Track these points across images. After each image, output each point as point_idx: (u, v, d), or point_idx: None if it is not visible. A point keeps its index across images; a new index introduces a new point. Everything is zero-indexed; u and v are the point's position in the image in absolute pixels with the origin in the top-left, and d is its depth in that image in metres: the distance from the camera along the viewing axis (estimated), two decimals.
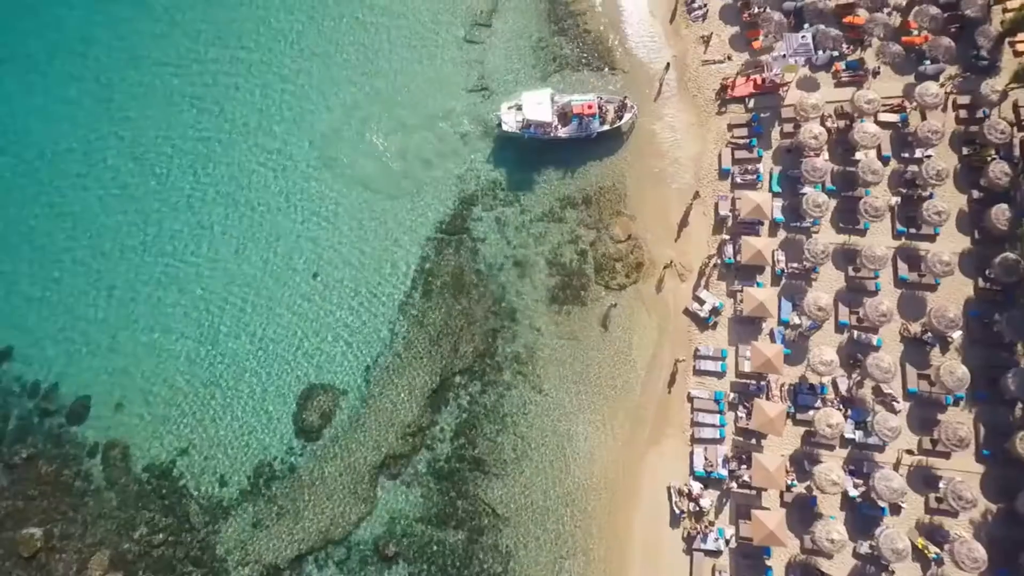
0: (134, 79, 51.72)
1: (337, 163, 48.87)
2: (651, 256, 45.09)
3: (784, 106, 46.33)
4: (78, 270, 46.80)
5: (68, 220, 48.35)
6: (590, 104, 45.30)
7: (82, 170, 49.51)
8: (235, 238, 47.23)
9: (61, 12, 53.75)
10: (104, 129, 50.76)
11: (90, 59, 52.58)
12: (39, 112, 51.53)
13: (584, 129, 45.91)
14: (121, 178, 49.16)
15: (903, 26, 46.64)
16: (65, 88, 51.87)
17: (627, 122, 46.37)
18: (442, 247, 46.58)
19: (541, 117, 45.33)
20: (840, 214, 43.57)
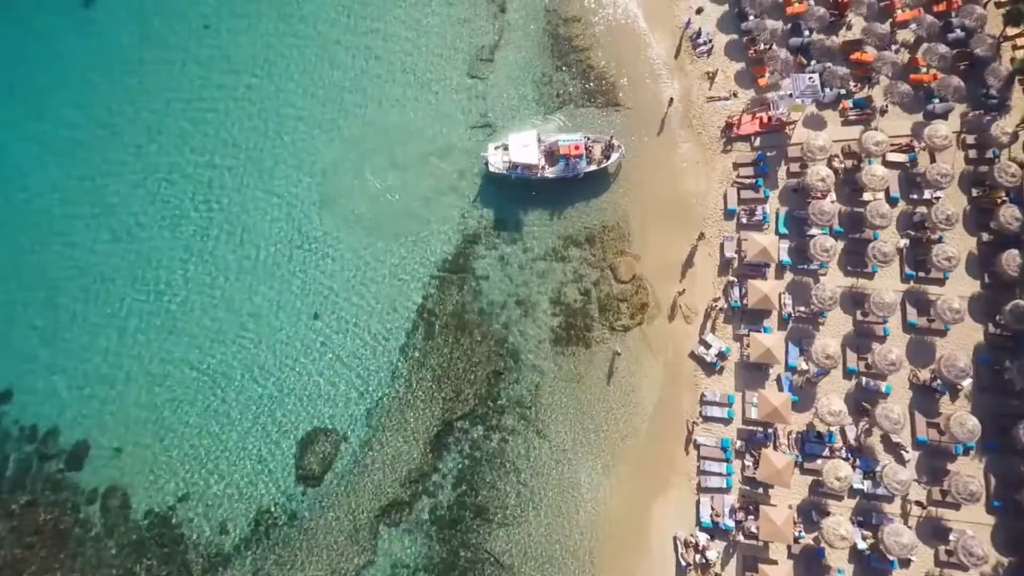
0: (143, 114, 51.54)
1: (337, 200, 48.40)
2: (656, 297, 44.55)
3: (790, 144, 45.78)
4: (78, 312, 46.41)
5: (69, 259, 47.94)
6: (576, 145, 44.94)
7: (87, 209, 49.15)
8: (234, 277, 46.75)
9: (65, 44, 53.55)
10: (107, 161, 50.51)
11: (94, 89, 52.43)
12: (42, 144, 51.40)
13: (571, 170, 45.55)
14: (122, 218, 48.75)
15: (911, 63, 46.10)
16: (70, 121, 51.66)
17: (614, 162, 45.97)
18: (444, 286, 46.09)
19: (527, 159, 45.09)
20: (848, 256, 42.98)
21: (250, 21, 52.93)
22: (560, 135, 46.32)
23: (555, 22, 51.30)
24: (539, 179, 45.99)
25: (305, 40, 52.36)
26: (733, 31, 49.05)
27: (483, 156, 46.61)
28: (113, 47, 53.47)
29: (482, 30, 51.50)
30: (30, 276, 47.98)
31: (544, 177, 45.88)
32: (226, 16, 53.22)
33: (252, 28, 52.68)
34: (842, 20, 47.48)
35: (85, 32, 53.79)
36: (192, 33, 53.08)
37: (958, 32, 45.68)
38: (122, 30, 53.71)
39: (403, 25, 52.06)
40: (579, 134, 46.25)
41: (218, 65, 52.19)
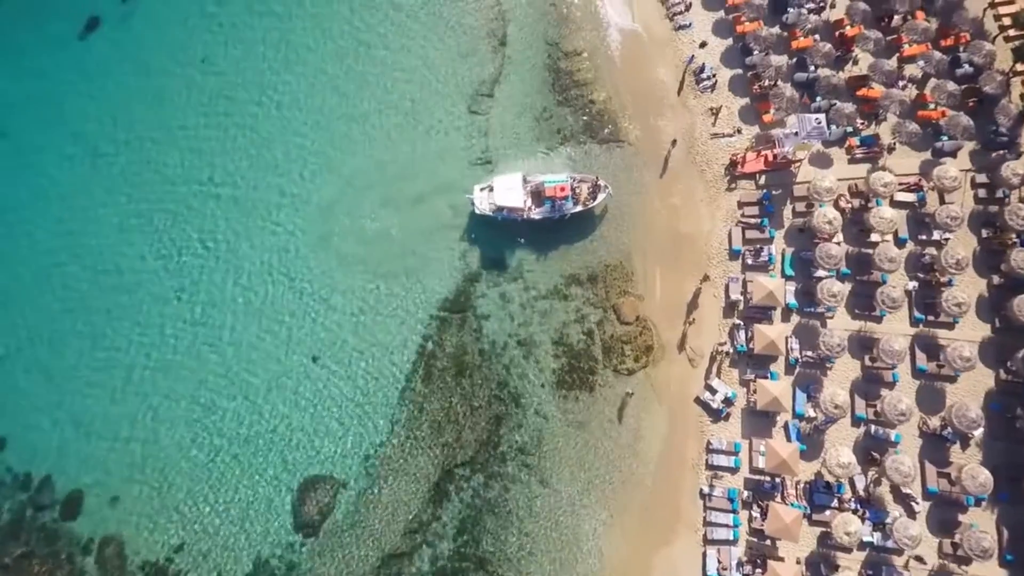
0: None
1: (335, 238, 47.72)
2: (660, 339, 43.78)
3: (796, 183, 45.02)
4: (74, 358, 45.77)
5: (66, 304, 47.36)
6: (562, 187, 44.35)
7: (86, 244, 48.65)
8: (231, 320, 46.09)
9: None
10: (98, 201, 50.01)
11: (92, 122, 51.91)
12: (42, 178, 51.00)
13: (557, 211, 44.93)
14: (114, 260, 48.14)
15: (919, 99, 45.34)
16: (69, 155, 51.26)
17: (601, 203, 45.31)
18: (444, 326, 45.36)
19: (512, 203, 44.60)
20: (855, 299, 42.18)
21: (246, 55, 52.24)
22: (546, 176, 45.60)
23: (556, 56, 50.61)
24: (525, 220, 45.32)
25: (302, 76, 51.69)
26: (737, 66, 48.32)
27: (469, 197, 45.85)
28: (110, 80, 53.00)
29: (482, 64, 50.83)
30: (28, 317, 47.39)
31: (530, 218, 45.21)
32: (223, 50, 52.58)
33: (249, 62, 51.99)
34: (848, 55, 46.71)
35: (82, 65, 53.23)
36: (189, 67, 52.43)
37: (966, 67, 44.94)
38: (119, 63, 53.18)
39: (403, 60, 51.36)
40: (565, 174, 45.56)
41: (215, 100, 51.59)
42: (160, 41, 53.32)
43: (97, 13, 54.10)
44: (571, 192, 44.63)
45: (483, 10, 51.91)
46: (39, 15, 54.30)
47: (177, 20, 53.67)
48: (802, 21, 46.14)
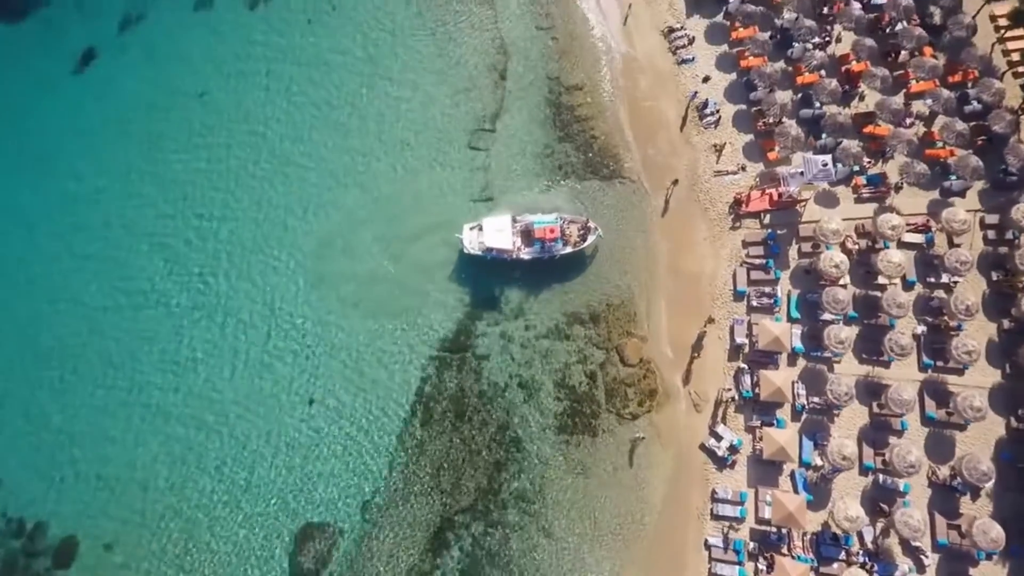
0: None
1: (332, 276, 46.98)
2: (664, 383, 43.00)
3: (801, 223, 44.28)
4: (72, 401, 45.06)
5: (64, 345, 46.64)
6: (552, 228, 43.87)
7: (74, 290, 47.91)
8: (227, 362, 45.35)
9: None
10: (96, 235, 49.38)
11: (90, 157, 51.37)
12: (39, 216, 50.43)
13: (546, 252, 44.33)
14: (112, 299, 47.50)
15: (926, 136, 44.61)
16: (70, 192, 50.78)
17: (591, 244, 44.68)
18: (443, 367, 44.61)
19: (500, 244, 44.14)
20: (863, 343, 41.37)
21: (246, 89, 51.57)
22: (536, 216, 44.96)
23: (557, 91, 49.95)
24: (515, 260, 44.69)
25: (302, 109, 51.11)
26: (741, 101, 47.63)
27: (458, 237, 45.13)
28: (105, 113, 52.37)
29: (483, 99, 50.20)
30: (23, 358, 46.71)
31: (520, 259, 44.59)
32: (223, 83, 51.96)
33: (248, 97, 51.33)
34: (854, 91, 45.99)
35: (77, 99, 52.62)
36: (187, 100, 51.83)
37: (975, 104, 44.21)
38: (115, 96, 52.57)
39: (404, 94, 50.73)
40: (554, 215, 44.91)
41: (213, 133, 50.97)
42: (157, 74, 52.76)
43: (93, 44, 53.50)
44: (561, 234, 44.00)
45: (484, 44, 51.31)
46: (34, 48, 53.74)
47: (175, 52, 53.12)
48: (807, 58, 45.43)
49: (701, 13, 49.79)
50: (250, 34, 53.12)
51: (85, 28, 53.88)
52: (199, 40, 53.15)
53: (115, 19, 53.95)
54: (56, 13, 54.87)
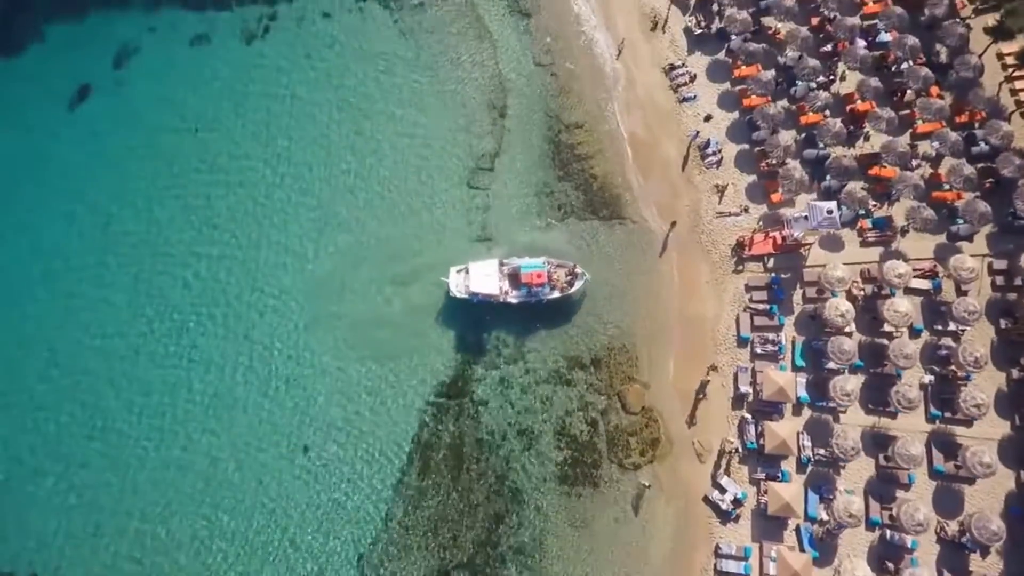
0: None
1: (328, 318, 46.06)
2: (667, 431, 42.18)
3: (806, 267, 43.49)
4: (67, 449, 44.24)
5: (57, 387, 45.84)
6: (539, 273, 43.17)
7: (66, 337, 47.13)
8: (223, 408, 44.48)
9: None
10: (89, 275, 48.64)
11: (82, 194, 50.55)
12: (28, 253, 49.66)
13: (533, 296, 43.66)
14: (107, 344, 46.73)
15: (933, 178, 43.81)
16: (59, 235, 49.80)
17: (578, 290, 43.90)
18: (441, 413, 43.78)
19: (487, 289, 43.45)
20: (869, 392, 40.53)
21: (240, 128, 50.73)
22: (523, 260, 44.24)
23: (556, 128, 49.18)
24: (502, 304, 43.93)
25: (297, 146, 50.17)
26: (744, 141, 46.85)
27: (444, 280, 44.36)
28: (101, 150, 51.46)
29: (482, 137, 49.40)
30: (17, 402, 45.96)
31: (507, 302, 43.84)
32: (219, 121, 51.08)
33: (242, 136, 50.48)
34: (859, 131, 45.21)
35: (72, 136, 51.75)
36: (183, 137, 51.00)
37: (982, 145, 43.43)
38: (110, 133, 51.65)
39: (403, 132, 49.82)
40: (542, 259, 44.16)
41: (209, 172, 50.08)
42: (152, 110, 51.79)
43: (88, 81, 52.73)
44: (548, 278, 43.31)
45: (483, 81, 50.52)
46: (29, 85, 52.85)
47: (170, 87, 52.25)
48: (811, 98, 44.66)
49: (703, 50, 49.03)
50: (247, 70, 52.25)
51: (80, 64, 52.95)
52: (195, 75, 52.30)
53: (110, 54, 53.05)
54: (51, 48, 53.96)
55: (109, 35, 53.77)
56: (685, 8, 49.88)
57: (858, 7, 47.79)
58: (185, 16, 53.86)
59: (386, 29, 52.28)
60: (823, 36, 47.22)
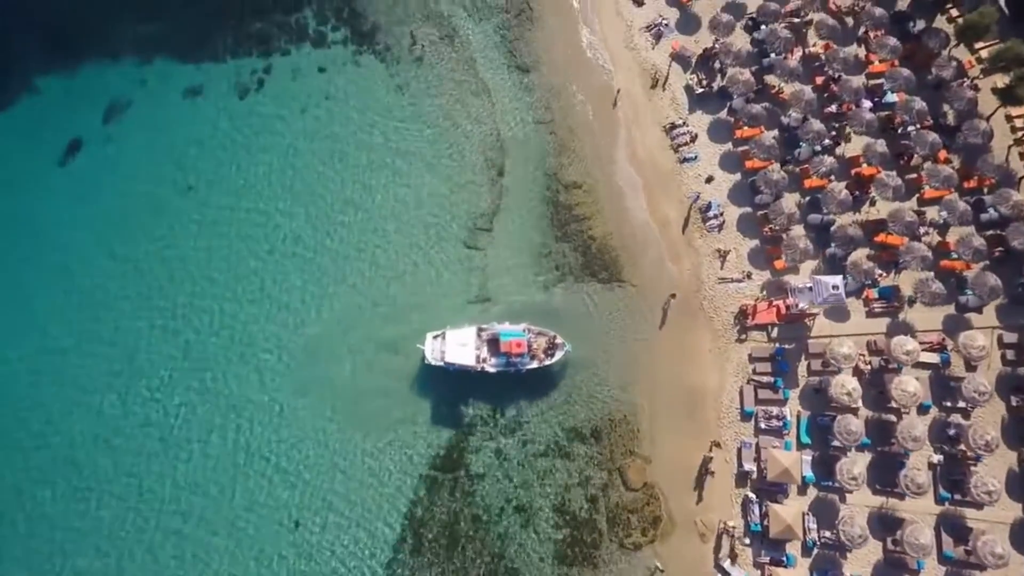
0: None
1: (319, 385, 44.96)
2: (669, 509, 41.07)
3: (811, 338, 42.38)
4: (57, 519, 43.32)
5: (44, 445, 44.96)
6: (519, 342, 42.07)
7: (59, 396, 46.25)
8: (210, 481, 43.41)
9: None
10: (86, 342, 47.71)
11: (71, 251, 49.67)
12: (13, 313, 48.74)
13: (512, 366, 42.57)
14: (91, 411, 45.76)
15: (941, 246, 42.70)
16: (45, 294, 48.92)
17: (558, 360, 42.84)
18: (435, 488, 42.66)
19: (462, 360, 42.40)
20: (876, 471, 39.38)
21: (231, 186, 49.75)
22: (503, 327, 43.24)
23: (555, 188, 48.15)
24: (480, 373, 42.85)
25: (291, 206, 49.20)
26: (746, 204, 45.78)
27: (420, 348, 43.15)
28: (91, 205, 50.58)
29: (480, 196, 48.42)
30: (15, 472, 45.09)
31: (485, 372, 42.73)
32: (207, 178, 50.15)
33: (234, 195, 49.50)
34: (865, 196, 44.13)
35: (62, 191, 50.85)
36: (173, 194, 50.07)
37: (992, 212, 42.35)
38: (100, 188, 50.83)
39: (398, 191, 48.82)
40: (522, 326, 43.19)
41: (199, 230, 49.13)
42: (143, 166, 50.89)
43: (79, 135, 51.90)
44: (528, 347, 42.22)
45: (481, 138, 49.52)
46: (20, 137, 52.04)
47: (162, 143, 51.34)
48: (815, 163, 43.56)
49: (704, 109, 47.99)
50: (240, 125, 51.29)
51: (72, 117, 52.10)
52: (187, 130, 51.40)
53: (102, 107, 52.20)
54: (44, 101, 53.11)
55: (102, 87, 53.03)
56: (686, 66, 48.83)
57: (863, 65, 46.81)
58: (178, 68, 53.05)
59: (383, 84, 51.34)
60: (828, 95, 46.20)
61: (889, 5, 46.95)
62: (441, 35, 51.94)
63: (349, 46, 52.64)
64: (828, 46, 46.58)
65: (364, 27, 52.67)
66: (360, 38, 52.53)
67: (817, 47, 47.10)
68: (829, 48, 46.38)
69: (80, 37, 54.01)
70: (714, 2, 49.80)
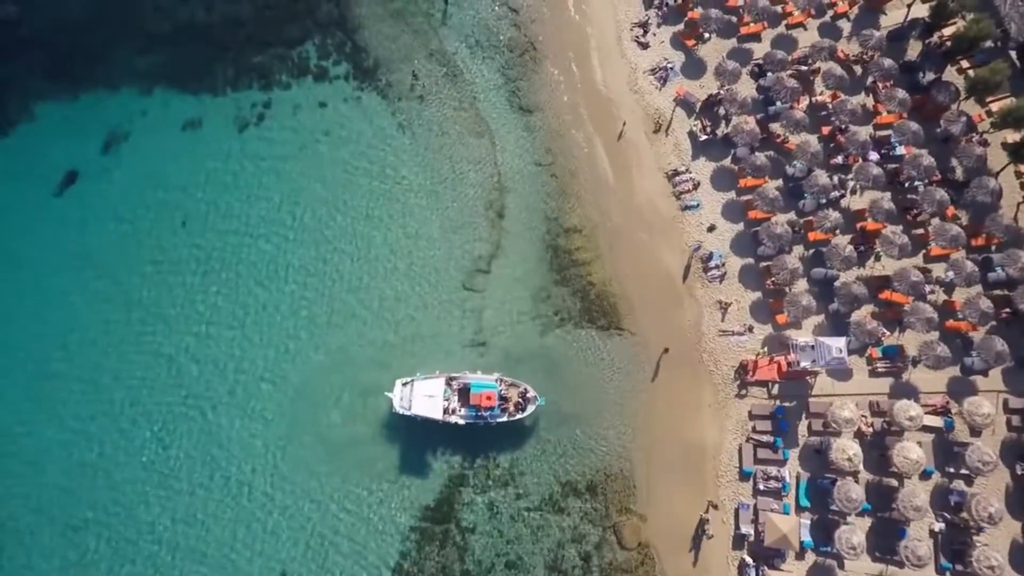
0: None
1: (307, 434, 43.61)
2: (663, 570, 40.20)
3: (812, 396, 41.59)
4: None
5: (18, 494, 44.12)
6: (489, 395, 41.21)
7: (42, 437, 45.45)
8: (192, 533, 42.38)
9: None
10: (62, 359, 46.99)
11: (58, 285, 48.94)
12: None
13: (481, 419, 41.75)
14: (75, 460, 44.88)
15: (947, 305, 41.89)
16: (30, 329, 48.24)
17: (530, 415, 42.04)
18: (425, 541, 41.72)
19: (428, 412, 41.57)
20: (877, 538, 38.47)
21: (228, 223, 48.95)
22: (476, 377, 42.55)
23: (555, 232, 47.45)
24: (450, 424, 42.00)
25: (287, 244, 48.45)
26: (748, 254, 45.06)
27: (388, 396, 42.21)
28: (86, 238, 49.83)
29: (479, 238, 47.62)
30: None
31: (455, 423, 41.91)
32: (204, 214, 49.33)
33: (230, 231, 48.71)
34: (870, 250, 43.37)
35: (58, 222, 50.07)
36: (170, 231, 49.35)
37: (999, 272, 41.55)
38: (96, 221, 49.90)
39: (395, 234, 47.93)
40: (495, 376, 42.48)
41: (194, 268, 48.32)
42: (139, 199, 49.79)
43: (76, 166, 51.26)
44: (499, 400, 41.46)
45: (481, 179, 48.81)
46: (15, 167, 51.32)
47: (159, 176, 50.38)
48: (820, 218, 42.76)
49: (707, 156, 47.31)
50: (238, 160, 50.38)
51: (69, 147, 51.20)
52: (184, 164, 50.57)
53: (100, 138, 51.43)
54: (41, 129, 52.35)
55: (101, 117, 51.91)
56: (690, 111, 48.19)
57: (871, 116, 46.09)
58: (177, 100, 52.17)
59: (384, 121, 50.64)
60: (834, 146, 45.48)
61: (898, 55, 46.23)
62: (444, 73, 51.33)
63: (351, 82, 51.99)
64: (835, 95, 45.91)
65: (366, 63, 52.06)
66: (362, 74, 51.88)
67: (824, 96, 46.40)
68: (836, 98, 45.69)
69: (81, 65, 53.18)
70: (720, 47, 49.19)
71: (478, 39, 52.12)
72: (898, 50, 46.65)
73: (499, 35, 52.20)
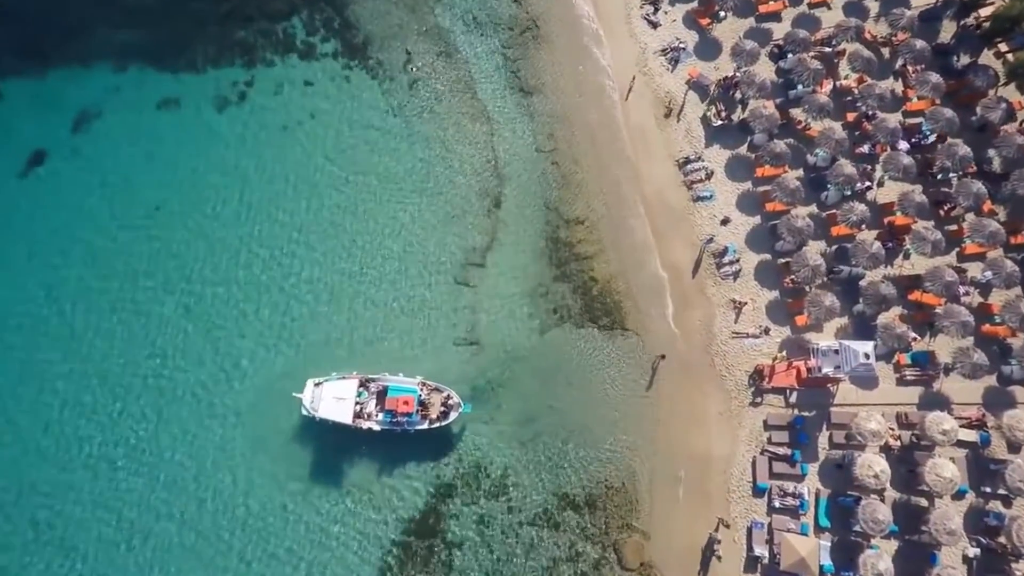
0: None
1: (281, 438, 40.33)
2: None
3: (834, 405, 38.04)
4: None
5: None
6: (407, 400, 37.93)
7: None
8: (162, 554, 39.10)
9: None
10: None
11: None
12: None
13: (397, 426, 38.46)
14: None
15: (983, 307, 38.33)
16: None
17: (454, 421, 38.79)
18: (407, 557, 38.31)
19: (337, 417, 38.24)
20: (904, 562, 34.89)
21: (204, 207, 45.47)
22: (396, 379, 39.32)
23: (555, 223, 44.07)
24: (364, 431, 38.67)
25: (265, 232, 44.88)
26: (765, 250, 41.57)
27: (296, 396, 38.90)
28: (50, 222, 46.35)
29: (474, 228, 44.33)
30: None
31: (370, 430, 38.57)
32: (178, 199, 45.93)
33: (206, 216, 45.29)
34: (899, 247, 39.80)
35: (19, 204, 46.63)
36: (138, 215, 45.85)
37: None
38: (61, 205, 46.38)
39: (384, 220, 44.61)
40: (417, 379, 39.20)
41: (165, 256, 44.89)
42: (110, 182, 46.48)
43: (43, 145, 47.89)
44: (420, 406, 38.23)
45: (477, 165, 45.49)
46: None
47: (131, 158, 46.99)
48: (845, 211, 39.21)
49: (722, 143, 43.77)
50: (216, 140, 47.09)
51: (37, 126, 47.95)
52: (159, 145, 47.17)
53: (70, 117, 48.03)
54: (8, 107, 49.19)
55: (72, 95, 48.50)
56: (704, 95, 44.66)
57: (900, 102, 42.51)
58: (154, 77, 48.77)
59: (373, 103, 47.28)
60: (860, 134, 41.94)
61: (931, 37, 42.67)
62: (438, 52, 47.99)
63: (339, 60, 48.62)
64: (862, 79, 42.35)
65: (356, 40, 48.66)
66: (351, 52, 48.50)
67: (849, 80, 42.84)
68: (863, 82, 42.12)
69: (53, 41, 49.71)
70: (737, 26, 45.64)
71: (476, 16, 48.82)
72: (931, 31, 43.13)
73: (499, 11, 48.91)
